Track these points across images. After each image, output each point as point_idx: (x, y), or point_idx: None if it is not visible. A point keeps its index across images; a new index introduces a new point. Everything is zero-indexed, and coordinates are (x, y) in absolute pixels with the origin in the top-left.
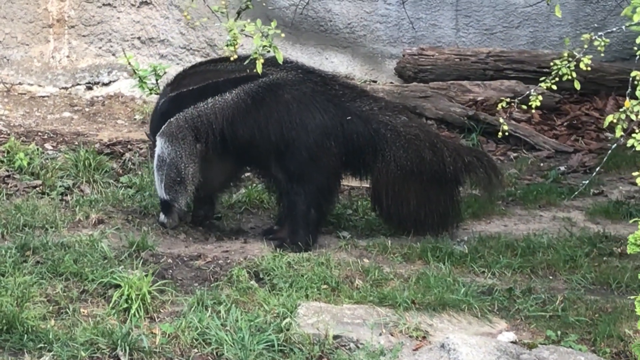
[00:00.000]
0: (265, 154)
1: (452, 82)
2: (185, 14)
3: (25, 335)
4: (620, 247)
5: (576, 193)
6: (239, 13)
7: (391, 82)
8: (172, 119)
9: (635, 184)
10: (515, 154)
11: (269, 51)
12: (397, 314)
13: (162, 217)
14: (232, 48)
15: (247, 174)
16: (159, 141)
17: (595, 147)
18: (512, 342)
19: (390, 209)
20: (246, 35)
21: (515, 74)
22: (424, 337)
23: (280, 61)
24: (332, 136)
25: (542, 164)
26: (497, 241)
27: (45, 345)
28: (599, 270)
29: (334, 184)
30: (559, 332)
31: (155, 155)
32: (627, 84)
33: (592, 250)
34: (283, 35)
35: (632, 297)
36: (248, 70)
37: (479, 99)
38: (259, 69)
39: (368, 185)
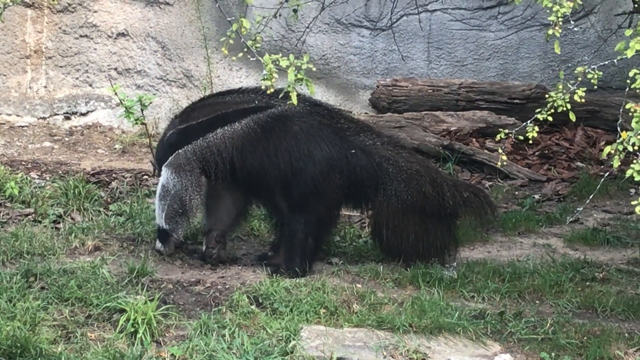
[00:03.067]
0: (272, 183)
1: (425, 112)
2: None
3: (39, 359)
4: (602, 273)
5: (571, 219)
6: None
7: (365, 113)
8: (180, 151)
9: (609, 212)
10: (490, 183)
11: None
12: (396, 337)
13: (158, 244)
14: (268, 82)
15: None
16: (165, 171)
17: (568, 176)
18: None
19: (390, 241)
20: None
21: (487, 105)
22: (423, 359)
23: (313, 94)
24: (337, 168)
25: (516, 192)
26: (483, 267)
27: None
28: (583, 295)
29: (334, 215)
30: (552, 354)
31: (159, 185)
32: (595, 115)
33: (575, 275)
34: (314, 68)
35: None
36: (256, 102)
37: (452, 129)
38: (294, 100)
39: (358, 214)
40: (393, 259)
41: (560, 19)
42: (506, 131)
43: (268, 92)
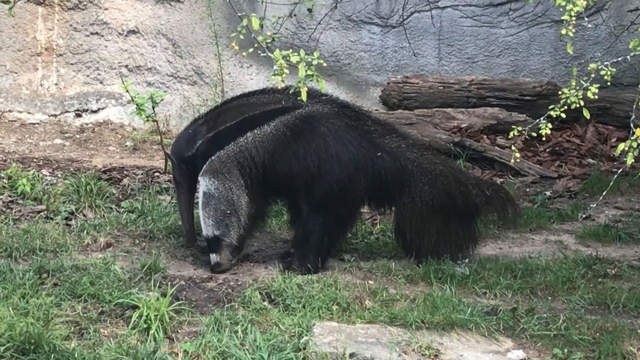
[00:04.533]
0: (298, 185)
1: (436, 109)
2: None
3: (52, 355)
4: (614, 269)
5: (583, 216)
6: (270, 35)
7: (376, 110)
8: (213, 157)
9: (621, 208)
10: (501, 180)
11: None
12: (409, 333)
13: (213, 257)
14: (279, 78)
15: None
16: (203, 180)
17: (579, 173)
18: (521, 359)
19: (414, 241)
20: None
21: (498, 102)
22: (435, 356)
23: (324, 90)
24: (362, 171)
25: (528, 189)
26: (495, 263)
27: None
28: (595, 291)
29: (352, 217)
30: (565, 350)
31: (200, 196)
32: (606, 112)
33: (588, 272)
34: (325, 64)
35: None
36: (283, 102)
37: (463, 125)
38: (304, 97)
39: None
40: (415, 257)
41: (573, 18)
42: (519, 128)
43: (279, 87)
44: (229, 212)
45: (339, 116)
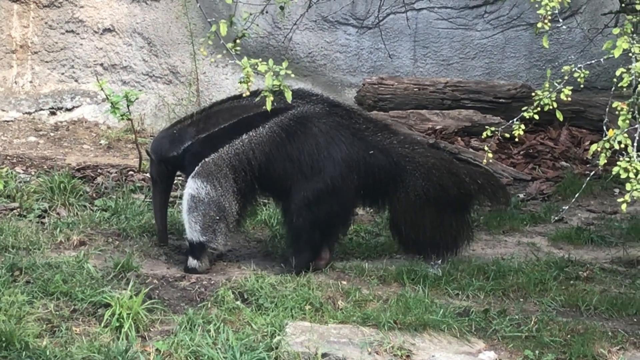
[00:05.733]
0: (291, 185)
1: (411, 111)
2: None
3: (24, 352)
4: (586, 272)
5: (556, 218)
6: (235, 40)
7: None
8: (207, 159)
9: (593, 211)
10: None
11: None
12: (381, 334)
13: (192, 261)
14: (245, 85)
15: None
16: (194, 183)
17: (552, 176)
18: None
19: (409, 235)
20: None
21: (472, 104)
22: (407, 356)
23: (289, 100)
24: (355, 169)
25: None
26: (468, 265)
27: None
28: (567, 293)
29: (347, 215)
30: (536, 352)
31: (186, 198)
32: (580, 115)
33: (560, 274)
34: (293, 75)
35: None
36: (276, 103)
37: (438, 127)
38: (269, 106)
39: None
40: (410, 251)
41: (549, 13)
42: (492, 129)
43: (243, 95)
44: (217, 218)
45: (330, 115)
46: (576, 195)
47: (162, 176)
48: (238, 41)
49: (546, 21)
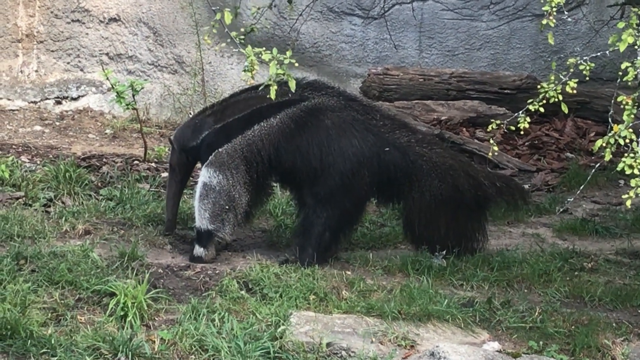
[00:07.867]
0: (302, 178)
1: (416, 101)
2: None
3: (29, 341)
4: (591, 263)
5: (560, 209)
6: (243, 34)
7: None
8: (221, 149)
9: (598, 203)
10: None
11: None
12: (385, 324)
13: (198, 249)
14: (249, 74)
15: None
16: (207, 171)
17: (557, 167)
18: (497, 351)
19: (422, 235)
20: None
21: (477, 95)
22: (412, 346)
23: (293, 89)
24: (367, 166)
25: None
26: (472, 255)
27: (49, 350)
28: (571, 285)
29: (358, 212)
30: (540, 343)
31: (200, 185)
32: (585, 106)
33: (564, 265)
34: (297, 65)
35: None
36: (290, 95)
37: (443, 118)
38: (273, 95)
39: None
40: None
41: (554, 9)
42: (498, 121)
43: (247, 84)
44: (227, 207)
45: (345, 109)
46: (581, 187)
47: (181, 166)
48: (255, 30)
49: (551, 17)
